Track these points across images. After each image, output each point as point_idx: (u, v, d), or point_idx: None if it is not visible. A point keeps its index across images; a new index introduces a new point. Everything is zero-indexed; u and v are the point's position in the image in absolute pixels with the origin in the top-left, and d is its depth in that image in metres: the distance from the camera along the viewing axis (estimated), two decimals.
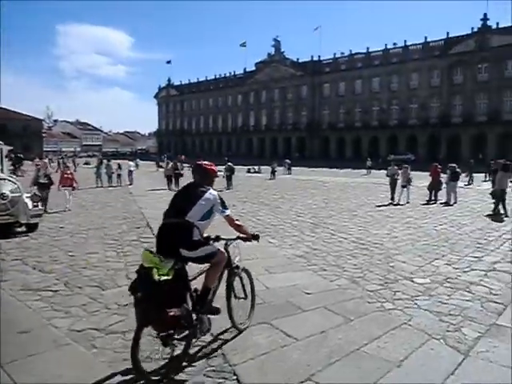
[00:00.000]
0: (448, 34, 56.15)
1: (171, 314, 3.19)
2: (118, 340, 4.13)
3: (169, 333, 3.33)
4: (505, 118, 51.34)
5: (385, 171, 18.38)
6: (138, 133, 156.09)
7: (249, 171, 39.27)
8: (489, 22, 52.53)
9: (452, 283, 6.03)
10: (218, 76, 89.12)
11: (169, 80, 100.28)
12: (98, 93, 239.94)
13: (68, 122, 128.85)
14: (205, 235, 3.84)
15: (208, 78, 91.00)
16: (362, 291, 5.69)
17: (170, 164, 23.68)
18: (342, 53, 68.38)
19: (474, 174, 25.73)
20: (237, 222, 4.07)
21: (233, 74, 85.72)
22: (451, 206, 15.29)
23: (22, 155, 44.05)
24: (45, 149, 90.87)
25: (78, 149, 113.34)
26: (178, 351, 3.58)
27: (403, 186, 16.27)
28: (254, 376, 3.49)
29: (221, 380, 3.45)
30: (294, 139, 73.13)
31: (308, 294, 5.55)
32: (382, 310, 5.02)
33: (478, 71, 54.12)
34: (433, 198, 16.50)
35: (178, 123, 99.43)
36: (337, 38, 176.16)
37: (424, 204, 15.66)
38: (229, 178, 22.51)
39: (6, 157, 12.13)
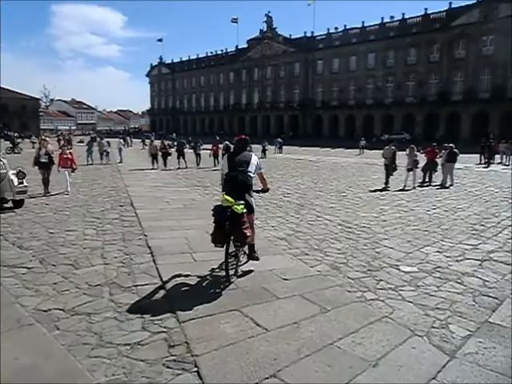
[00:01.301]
0: (450, 4, 53.13)
1: (246, 233, 4.95)
2: (82, 322, 4.04)
3: (239, 249, 5.22)
4: (510, 95, 47.39)
5: (379, 151, 17.66)
6: (131, 111, 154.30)
7: None
8: None
9: (442, 273, 5.64)
10: (209, 54, 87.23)
11: (160, 58, 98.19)
12: (93, 72, 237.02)
13: (63, 100, 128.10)
14: None
15: (199, 56, 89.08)
16: (343, 279, 5.34)
17: (156, 142, 23.04)
18: (336, 28, 66.59)
19: (470, 155, 25.05)
20: (264, 177, 5.85)
21: (224, 51, 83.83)
22: (447, 188, 14.74)
23: (14, 133, 44.96)
24: (41, 127, 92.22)
25: (74, 127, 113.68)
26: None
27: (409, 170, 14.73)
28: (216, 369, 3.22)
29: (180, 371, 3.21)
30: (287, 117, 72.10)
31: (285, 279, 5.24)
32: (363, 300, 4.67)
33: (482, 44, 50.88)
34: (427, 179, 15.88)
35: (170, 102, 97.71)
36: (331, 12, 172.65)
37: (417, 186, 15.01)
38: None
39: (4, 136, 12.29)
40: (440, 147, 17.10)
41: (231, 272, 5.11)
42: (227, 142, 21.75)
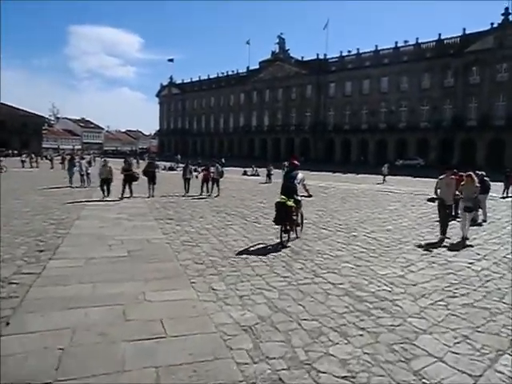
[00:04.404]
0: (464, 30, 51.93)
1: (294, 218, 8.65)
2: None
3: (290, 228, 8.58)
4: None
5: (394, 177, 14.61)
6: (141, 132, 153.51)
7: (245, 173, 36.19)
8: (511, 17, 47.67)
9: None
10: (220, 74, 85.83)
11: (171, 78, 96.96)
12: (109, 93, 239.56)
13: (69, 119, 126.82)
14: None
15: (210, 77, 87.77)
16: None
17: (123, 164, 18.50)
18: (349, 51, 64.66)
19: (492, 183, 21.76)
20: (307, 187, 9.30)
21: (236, 72, 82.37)
22: (480, 225, 11.84)
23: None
24: (44, 145, 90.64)
25: (78, 146, 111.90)
26: None
27: (469, 210, 9.88)
28: None
29: None
30: (298, 141, 69.51)
31: None
32: None
33: (497, 71, 49.62)
34: (453, 213, 12.63)
35: (179, 122, 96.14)
36: (344, 36, 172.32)
37: None
38: (215, 182, 18.69)
39: None
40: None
41: (284, 239, 8.37)
42: (218, 166, 19.20)
